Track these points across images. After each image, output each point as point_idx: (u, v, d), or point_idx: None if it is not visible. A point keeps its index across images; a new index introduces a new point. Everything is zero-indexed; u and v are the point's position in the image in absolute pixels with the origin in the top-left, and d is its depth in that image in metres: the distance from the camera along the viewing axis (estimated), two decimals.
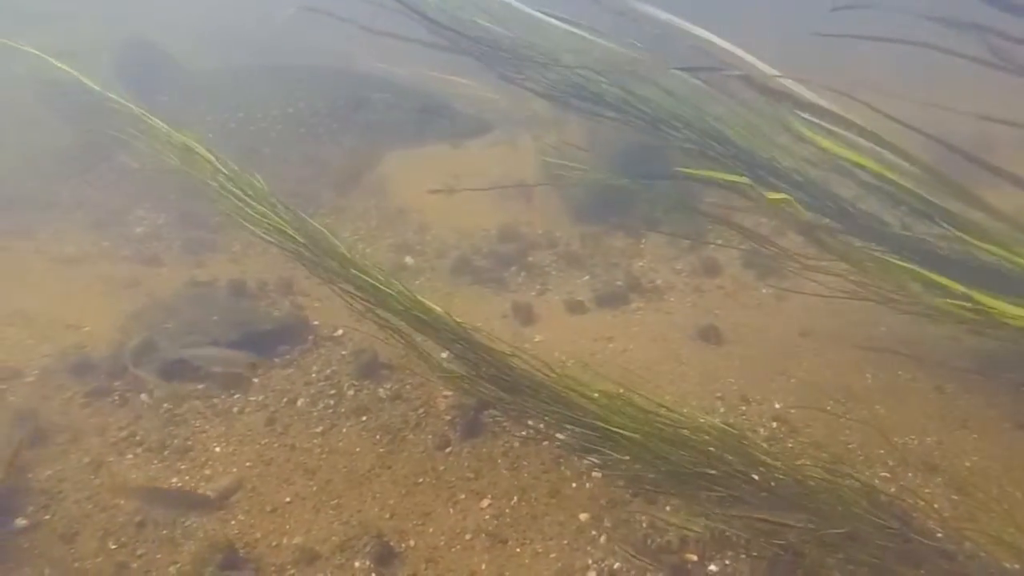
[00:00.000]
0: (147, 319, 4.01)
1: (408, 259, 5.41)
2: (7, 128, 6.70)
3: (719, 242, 4.91)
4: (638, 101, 3.69)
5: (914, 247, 3.52)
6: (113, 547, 2.64)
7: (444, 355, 3.35)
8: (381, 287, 2.91)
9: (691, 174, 3.52)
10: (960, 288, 3.00)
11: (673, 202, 5.66)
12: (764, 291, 4.66)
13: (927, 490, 2.85)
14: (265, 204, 3.21)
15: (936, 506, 2.71)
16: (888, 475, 2.97)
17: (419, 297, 2.90)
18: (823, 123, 3.41)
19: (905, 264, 3.23)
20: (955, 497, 2.81)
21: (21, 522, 2.71)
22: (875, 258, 3.39)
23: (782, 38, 7.85)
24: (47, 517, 2.76)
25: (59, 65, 3.53)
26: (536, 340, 3.96)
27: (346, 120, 4.99)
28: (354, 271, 3.01)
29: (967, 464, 3.01)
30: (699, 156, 3.64)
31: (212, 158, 3.31)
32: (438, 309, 2.89)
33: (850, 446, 3.18)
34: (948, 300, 3.11)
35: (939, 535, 2.50)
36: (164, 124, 3.40)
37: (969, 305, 2.95)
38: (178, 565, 2.56)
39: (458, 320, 2.85)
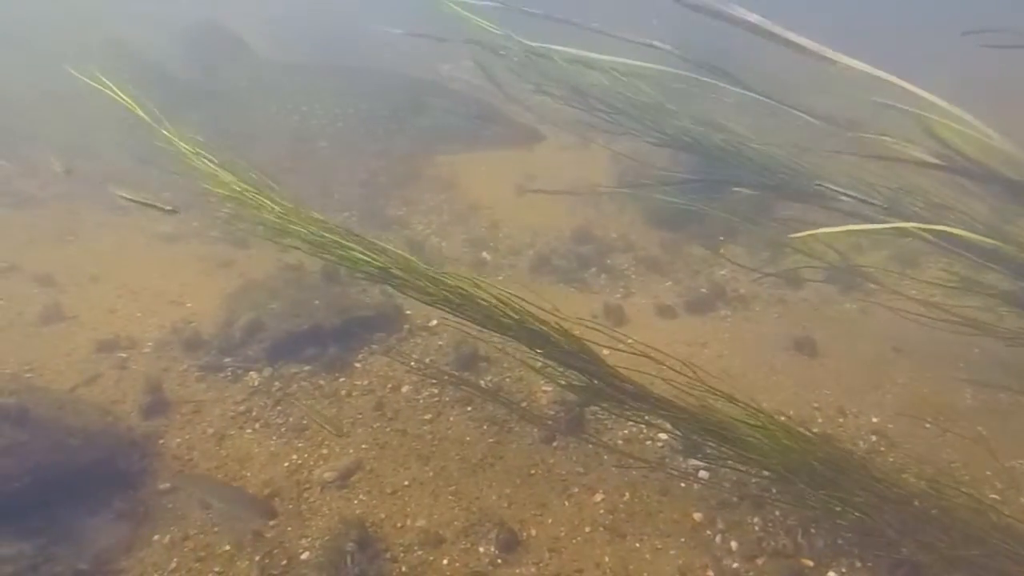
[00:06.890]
0: (251, 299, 4.12)
1: (485, 255, 5.50)
2: (97, 110, 6.92)
3: (798, 256, 4.93)
4: None
5: None
6: None
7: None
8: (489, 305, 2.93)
9: None
10: None
11: (750, 212, 5.71)
12: (848, 305, 4.66)
13: None
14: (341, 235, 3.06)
15: None
16: (998, 497, 2.97)
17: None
18: None
19: None
20: None
21: (164, 485, 2.84)
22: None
23: None
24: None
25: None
26: (630, 342, 3.99)
27: (404, 122, 5.15)
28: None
29: None
30: None
31: (267, 201, 3.09)
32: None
33: (953, 464, 3.19)
34: None
35: None
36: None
37: None
38: (309, 539, 2.67)
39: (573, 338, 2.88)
